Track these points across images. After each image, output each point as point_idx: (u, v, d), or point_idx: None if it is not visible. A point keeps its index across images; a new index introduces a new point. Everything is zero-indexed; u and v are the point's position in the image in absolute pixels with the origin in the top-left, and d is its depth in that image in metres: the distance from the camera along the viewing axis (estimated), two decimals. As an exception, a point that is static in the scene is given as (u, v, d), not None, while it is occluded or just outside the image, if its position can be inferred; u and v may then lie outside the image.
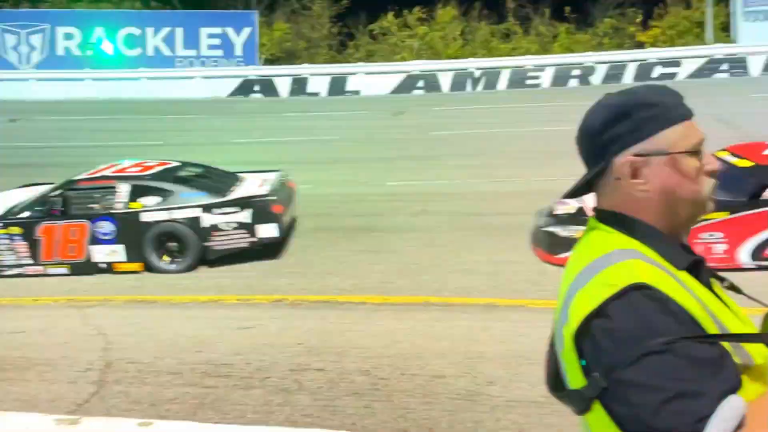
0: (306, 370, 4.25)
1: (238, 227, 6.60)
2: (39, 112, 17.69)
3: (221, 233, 6.58)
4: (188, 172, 7.46)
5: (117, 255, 6.66)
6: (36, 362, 4.48)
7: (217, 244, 6.62)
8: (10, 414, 1.89)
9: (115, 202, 6.75)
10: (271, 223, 6.62)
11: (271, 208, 6.69)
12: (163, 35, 21.33)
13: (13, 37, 21.23)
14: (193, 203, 6.68)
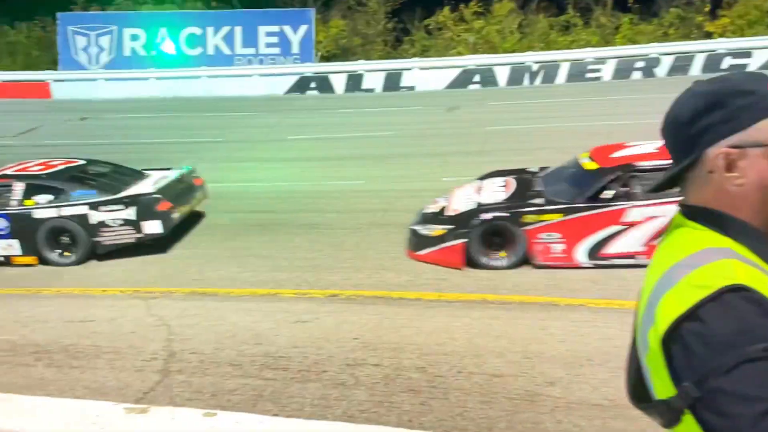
0: (362, 365, 4.25)
1: (124, 224, 7.12)
2: (107, 111, 18.45)
3: (109, 229, 7.11)
4: (87, 172, 7.90)
5: (12, 249, 7.21)
6: (105, 350, 4.66)
7: (106, 240, 7.14)
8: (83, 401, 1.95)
9: (10, 200, 7.27)
10: (155, 220, 7.13)
11: (155, 205, 7.18)
12: (223, 34, 21.84)
13: (83, 39, 22.21)
14: (81, 201, 7.15)
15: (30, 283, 6.63)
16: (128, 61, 21.86)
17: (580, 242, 6.07)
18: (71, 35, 22.21)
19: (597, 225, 6.01)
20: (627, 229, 5.96)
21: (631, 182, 5.97)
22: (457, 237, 6.30)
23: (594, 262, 6.06)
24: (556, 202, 6.21)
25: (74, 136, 15.44)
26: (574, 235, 6.05)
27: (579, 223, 6.05)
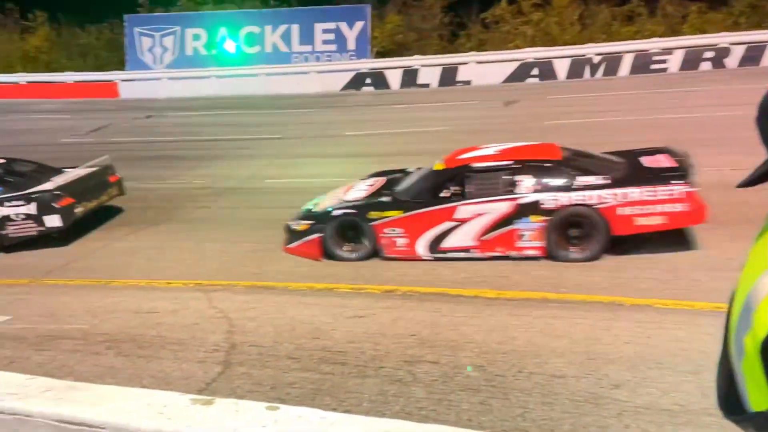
0: (419, 362, 4.22)
1: (26, 218, 7.83)
2: (170, 109, 19.08)
3: (13, 223, 7.83)
4: (6, 170, 8.59)
5: None
6: (169, 341, 4.80)
7: (11, 233, 7.87)
8: (150, 391, 1.99)
9: None
10: (54, 215, 7.81)
11: (55, 201, 7.88)
12: (281, 32, 22.18)
13: (148, 39, 23.02)
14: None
15: (100, 275, 6.90)
16: (190, 60, 22.52)
17: (420, 237, 6.60)
18: (137, 36, 23.06)
19: (433, 221, 6.54)
20: (459, 225, 6.46)
21: (466, 182, 6.48)
22: (315, 231, 6.86)
23: (434, 255, 6.59)
24: (398, 199, 6.79)
25: (140, 134, 16.04)
26: (415, 231, 6.59)
27: (417, 219, 6.57)
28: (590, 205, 6.08)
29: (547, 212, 6.18)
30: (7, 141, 15.61)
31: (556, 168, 6.41)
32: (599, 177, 6.23)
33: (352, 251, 6.78)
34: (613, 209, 6.03)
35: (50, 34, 25.22)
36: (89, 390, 2.06)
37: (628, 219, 6.04)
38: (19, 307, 5.83)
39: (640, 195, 6.00)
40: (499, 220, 6.33)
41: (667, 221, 5.97)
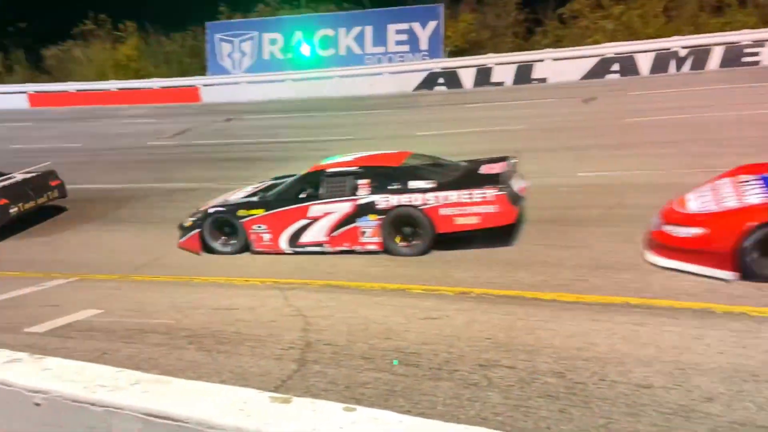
0: (495, 367, 4.12)
1: None
2: (248, 112, 19.70)
3: None
4: None
5: None
6: (247, 337, 4.92)
7: None
8: (231, 387, 2.02)
9: None
10: None
11: None
12: (354, 34, 22.44)
13: (228, 45, 23.88)
14: None
15: (183, 272, 7.20)
16: (267, 65, 23.18)
17: (282, 233, 7.50)
18: (218, 42, 23.97)
19: (291, 219, 7.43)
20: (313, 222, 7.36)
21: (320, 185, 7.43)
22: (196, 228, 7.84)
23: (294, 249, 7.54)
24: (263, 199, 7.78)
25: (221, 136, 16.66)
26: (277, 227, 7.51)
27: (278, 217, 7.47)
28: (415, 206, 6.91)
29: (381, 212, 7.05)
30: (100, 144, 16.62)
31: (392, 173, 7.27)
32: (427, 182, 7.04)
33: (225, 244, 7.79)
34: (436, 210, 6.83)
35: (139, 43, 26.65)
36: (173, 384, 2.12)
37: (449, 218, 6.83)
38: (111, 302, 6.16)
39: (458, 197, 6.77)
40: (344, 218, 7.23)
41: (481, 221, 6.72)
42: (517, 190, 7.11)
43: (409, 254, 7.00)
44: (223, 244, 7.79)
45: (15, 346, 4.86)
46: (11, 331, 5.31)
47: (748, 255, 5.19)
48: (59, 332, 5.26)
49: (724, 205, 5.63)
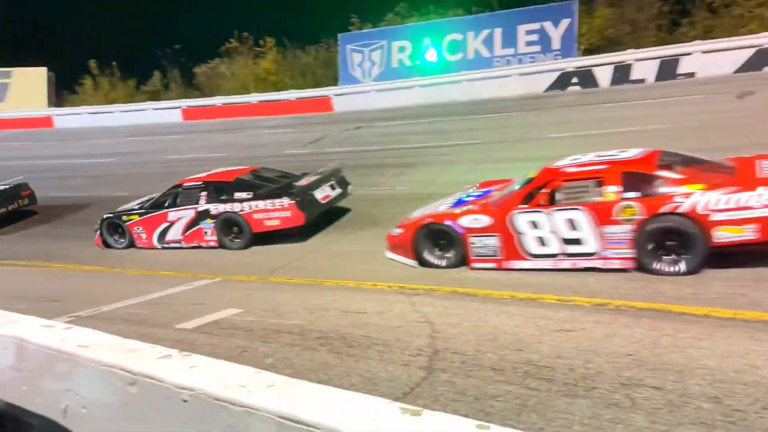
0: (639, 386, 3.79)
1: None
2: (377, 119, 20.14)
3: None
4: None
5: None
6: (375, 342, 4.97)
7: None
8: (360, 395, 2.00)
9: None
10: None
11: None
12: (483, 37, 22.17)
13: (358, 55, 24.63)
14: None
15: (315, 275, 7.47)
16: (396, 72, 23.59)
17: (153, 233, 9.91)
18: (349, 53, 24.79)
19: (158, 222, 9.84)
20: (172, 224, 9.70)
21: (178, 195, 9.80)
22: (98, 229, 10.51)
23: (162, 245, 9.88)
24: (141, 206, 10.34)
25: (351, 144, 17.18)
26: (149, 228, 9.94)
27: (149, 221, 9.92)
28: (236, 212, 9.22)
29: (214, 216, 9.38)
30: (243, 153, 17.81)
31: (224, 187, 9.50)
32: (248, 193, 9.23)
33: (117, 242, 10.31)
34: (251, 215, 9.11)
35: (277, 58, 28.30)
36: (306, 388, 2.15)
37: (260, 221, 9.08)
38: (250, 302, 6.52)
39: (264, 205, 9.03)
40: (191, 222, 9.58)
41: (281, 223, 8.97)
42: (320, 198, 9.39)
43: (236, 248, 9.33)
44: (116, 241, 10.32)
45: (167, 340, 5.29)
46: (164, 327, 5.79)
47: (420, 248, 7.24)
48: (205, 329, 5.65)
49: (424, 211, 7.56)
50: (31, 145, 24.20)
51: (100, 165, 16.98)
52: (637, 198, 5.97)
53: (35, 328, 3.15)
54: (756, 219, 5.49)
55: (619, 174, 6.17)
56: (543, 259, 6.56)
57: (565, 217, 6.33)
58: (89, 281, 8.64)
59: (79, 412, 2.66)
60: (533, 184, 6.72)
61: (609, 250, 6.16)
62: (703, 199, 5.67)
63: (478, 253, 6.88)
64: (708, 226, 5.64)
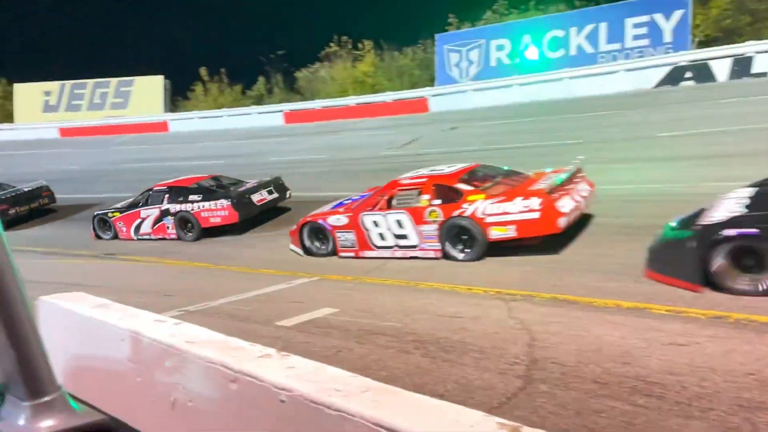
0: (761, 410, 3.45)
1: None
2: (474, 119, 19.89)
3: None
4: None
5: None
6: (470, 348, 4.87)
7: None
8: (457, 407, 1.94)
9: None
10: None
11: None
12: (586, 33, 21.30)
13: (456, 55, 24.45)
14: None
15: (410, 277, 7.46)
16: (494, 71, 23.20)
17: (131, 227, 12.30)
18: (446, 53, 24.68)
19: (133, 218, 12.26)
20: (144, 220, 12.10)
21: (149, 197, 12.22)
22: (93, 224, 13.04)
23: (137, 237, 12.23)
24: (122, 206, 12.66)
25: (447, 144, 17.07)
26: (128, 223, 12.33)
27: (127, 217, 12.34)
28: (188, 211, 11.52)
29: (173, 214, 11.71)
30: (340, 155, 18.21)
31: (181, 190, 11.83)
32: (198, 196, 11.56)
33: (105, 233, 12.67)
34: (199, 213, 11.41)
35: (375, 60, 28.71)
36: (401, 396, 2.12)
37: (207, 218, 11.39)
38: (345, 302, 6.62)
39: (208, 205, 11.34)
40: (156, 218, 11.95)
41: (221, 221, 11.28)
42: (255, 201, 11.48)
43: (189, 240, 11.63)
44: (104, 233, 12.65)
45: (268, 337, 5.48)
46: (265, 324, 6.00)
47: (306, 240, 9.21)
48: (303, 327, 5.79)
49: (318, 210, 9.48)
50: (148, 148, 26.05)
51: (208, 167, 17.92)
52: (440, 204, 7.84)
53: (149, 323, 3.35)
54: (514, 221, 7.28)
55: (431, 186, 8.05)
56: (384, 250, 8.44)
57: (395, 218, 8.20)
58: (197, 277, 9.15)
59: (185, 405, 2.79)
60: (379, 191, 8.68)
61: (425, 243, 8.06)
62: (481, 206, 7.48)
63: (343, 245, 8.81)
64: (485, 226, 7.49)
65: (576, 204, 7.49)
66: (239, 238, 11.40)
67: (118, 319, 3.46)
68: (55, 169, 20.95)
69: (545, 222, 7.12)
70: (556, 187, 7.47)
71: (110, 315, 3.60)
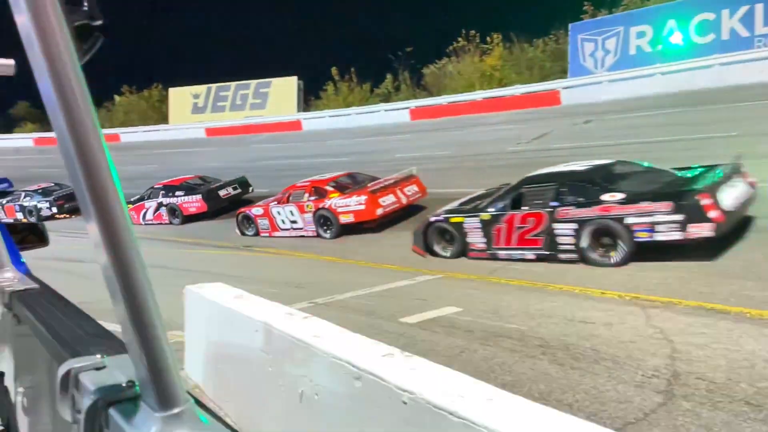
0: None
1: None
2: (609, 112, 18.77)
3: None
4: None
5: None
6: (603, 357, 4.59)
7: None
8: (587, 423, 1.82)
9: None
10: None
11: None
12: (741, 15, 19.28)
13: (590, 44, 23.22)
14: None
15: (537, 278, 7.19)
16: (632, 60, 21.72)
17: (140, 215, 16.09)
18: (580, 43, 23.52)
19: (141, 208, 16.15)
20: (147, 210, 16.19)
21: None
22: None
23: (145, 223, 15.82)
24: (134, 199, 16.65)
25: (580, 139, 16.27)
26: (138, 212, 16.04)
27: (137, 208, 16.16)
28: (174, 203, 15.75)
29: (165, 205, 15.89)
30: (465, 151, 18.02)
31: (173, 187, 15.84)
32: (182, 192, 15.61)
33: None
34: (181, 205, 15.58)
35: (503, 53, 28.06)
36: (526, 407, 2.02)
37: (187, 208, 15.49)
38: (469, 301, 6.53)
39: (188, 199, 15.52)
40: (155, 208, 15.85)
41: (196, 210, 15.29)
42: (222, 195, 15.29)
43: (176, 224, 15.40)
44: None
45: (392, 333, 5.54)
46: (389, 320, 6.08)
47: (239, 226, 13.29)
48: (426, 325, 5.79)
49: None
50: (283, 147, 27.47)
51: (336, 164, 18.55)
52: (313, 200, 11.68)
53: (280, 316, 3.51)
54: (352, 211, 11.07)
55: (311, 187, 11.93)
56: (286, 231, 12.26)
57: (289, 209, 12.09)
58: (326, 270, 9.49)
59: (312, 398, 2.88)
60: (285, 190, 12.54)
61: (307, 226, 11.89)
62: (335, 201, 11.32)
63: (262, 228, 12.64)
64: (338, 214, 11.26)
65: (396, 199, 11.26)
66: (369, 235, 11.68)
67: (252, 311, 3.67)
68: (201, 166, 22.71)
69: (368, 211, 10.93)
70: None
71: (246, 306, 3.82)
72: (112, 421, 0.90)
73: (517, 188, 8.07)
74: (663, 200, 6.67)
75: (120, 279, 0.80)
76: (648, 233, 6.72)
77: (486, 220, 8.13)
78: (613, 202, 6.98)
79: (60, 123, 0.76)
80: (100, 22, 1.00)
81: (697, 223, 6.44)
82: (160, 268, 9.55)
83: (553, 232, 7.49)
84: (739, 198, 6.90)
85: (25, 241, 2.95)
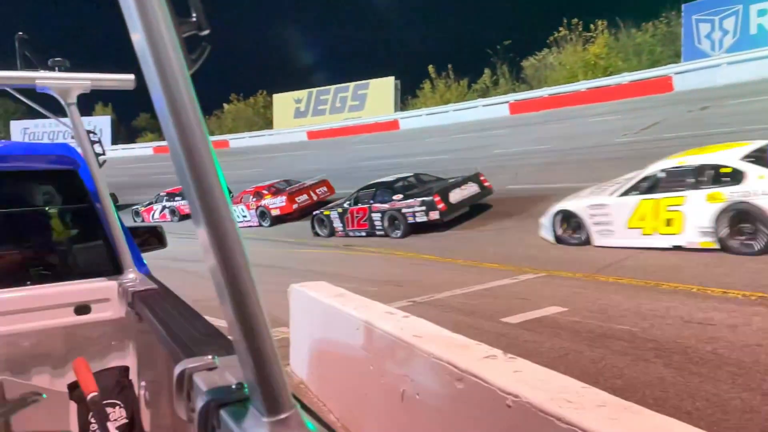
0: None
1: None
2: (728, 97, 17.38)
3: None
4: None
5: None
6: (726, 361, 4.24)
7: None
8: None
9: None
10: None
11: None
12: None
13: (706, 25, 21.62)
14: None
15: (650, 276, 6.78)
16: (754, 40, 20.01)
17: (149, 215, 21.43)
18: (695, 24, 21.98)
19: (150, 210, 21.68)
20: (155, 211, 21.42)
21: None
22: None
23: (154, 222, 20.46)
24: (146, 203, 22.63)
25: (695, 127, 15.19)
26: (148, 213, 21.64)
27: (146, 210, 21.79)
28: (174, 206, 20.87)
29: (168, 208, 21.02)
30: (568, 144, 17.37)
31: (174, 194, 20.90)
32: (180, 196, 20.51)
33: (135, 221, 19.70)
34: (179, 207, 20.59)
35: (608, 41, 26.76)
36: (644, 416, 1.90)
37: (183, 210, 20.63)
38: (575, 301, 6.26)
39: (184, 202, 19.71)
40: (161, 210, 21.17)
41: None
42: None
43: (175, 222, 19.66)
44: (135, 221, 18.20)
45: (493, 333, 5.44)
46: (490, 319, 5.96)
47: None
48: (529, 325, 5.62)
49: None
50: (381, 147, 27.83)
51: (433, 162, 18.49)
52: (256, 201, 17.16)
53: (380, 314, 3.53)
54: (279, 207, 16.63)
55: (254, 191, 17.41)
56: (241, 223, 12.73)
57: (241, 206, 17.25)
58: (425, 269, 9.49)
59: (413, 398, 2.88)
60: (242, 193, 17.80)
61: (253, 219, 17.06)
62: (270, 201, 16.82)
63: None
64: (270, 210, 16.80)
65: (309, 198, 16.55)
66: (468, 233, 11.56)
67: (353, 309, 3.72)
68: (303, 168, 23.51)
69: (287, 207, 16.30)
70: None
71: (347, 304, 3.89)
72: (223, 423, 0.94)
73: (357, 192, 13.33)
74: (417, 198, 11.84)
75: (227, 283, 0.82)
76: (412, 217, 11.82)
77: (340, 212, 13.43)
78: (397, 200, 12.13)
79: (171, 131, 0.79)
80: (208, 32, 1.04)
81: (432, 211, 11.50)
82: (269, 267, 9.99)
83: (372, 219, 12.64)
84: (464, 195, 11.88)
85: (145, 244, 3.18)
